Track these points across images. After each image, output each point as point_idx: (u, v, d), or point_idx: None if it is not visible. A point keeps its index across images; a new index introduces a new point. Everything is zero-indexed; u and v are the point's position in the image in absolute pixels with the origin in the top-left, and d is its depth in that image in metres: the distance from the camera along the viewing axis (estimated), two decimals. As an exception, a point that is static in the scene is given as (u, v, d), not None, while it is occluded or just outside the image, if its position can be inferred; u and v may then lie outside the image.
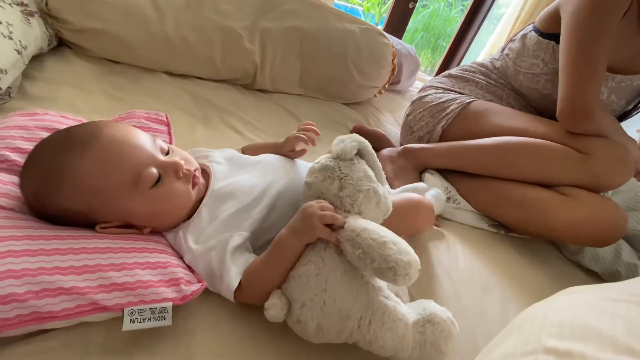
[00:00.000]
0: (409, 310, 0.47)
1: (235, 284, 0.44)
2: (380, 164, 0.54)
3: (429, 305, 0.48)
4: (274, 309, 0.43)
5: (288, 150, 0.64)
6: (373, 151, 0.53)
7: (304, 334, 0.45)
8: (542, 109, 0.97)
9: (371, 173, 0.51)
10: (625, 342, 0.30)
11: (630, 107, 0.95)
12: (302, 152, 0.64)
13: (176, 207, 0.49)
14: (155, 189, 0.46)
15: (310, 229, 0.45)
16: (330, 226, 0.45)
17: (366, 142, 0.52)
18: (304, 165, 0.64)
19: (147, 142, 0.48)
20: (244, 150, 0.69)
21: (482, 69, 1.06)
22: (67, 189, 0.42)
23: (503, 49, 1.04)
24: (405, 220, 0.54)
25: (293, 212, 0.53)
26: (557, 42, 0.86)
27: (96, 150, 0.43)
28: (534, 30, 0.93)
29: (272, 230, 0.53)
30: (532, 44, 0.92)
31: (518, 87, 0.99)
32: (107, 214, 0.45)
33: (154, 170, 0.46)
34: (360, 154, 0.52)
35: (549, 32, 0.89)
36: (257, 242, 0.52)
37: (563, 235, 0.79)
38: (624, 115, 0.98)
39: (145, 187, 0.45)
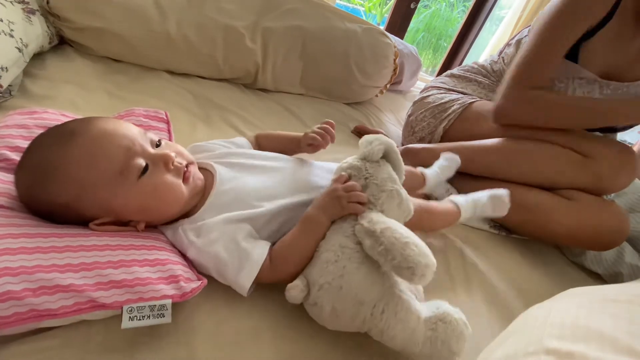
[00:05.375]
0: (422, 307, 0.48)
1: (260, 262, 0.46)
2: (403, 165, 0.56)
3: (443, 305, 0.49)
4: (296, 289, 0.46)
5: (306, 145, 0.63)
6: (397, 151, 0.56)
7: (319, 317, 0.47)
8: None
9: (395, 176, 0.54)
10: (627, 343, 0.30)
11: None
12: (318, 148, 0.63)
13: (166, 201, 0.48)
14: (142, 179, 0.45)
15: (340, 209, 0.50)
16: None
17: (392, 143, 0.55)
18: (314, 166, 0.63)
19: (136, 134, 0.47)
20: (259, 138, 0.68)
21: (483, 70, 1.06)
22: (54, 181, 0.42)
23: (500, 52, 1.04)
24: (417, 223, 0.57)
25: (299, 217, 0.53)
26: None
27: (83, 140, 0.43)
28: (528, 35, 0.93)
29: (278, 234, 0.53)
30: None
31: None
32: (95, 207, 0.44)
33: (141, 161, 0.45)
34: (385, 155, 0.55)
35: None
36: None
37: (564, 239, 0.79)
38: (620, 129, 0.96)
39: (132, 177, 0.44)
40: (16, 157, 0.49)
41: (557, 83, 0.88)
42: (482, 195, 0.75)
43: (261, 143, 0.67)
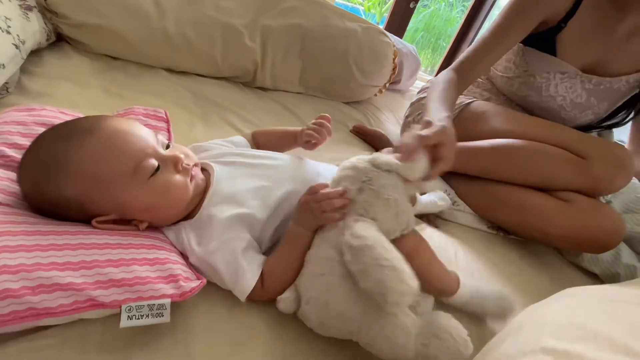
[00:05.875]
0: (415, 320, 0.45)
1: (252, 285, 0.46)
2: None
3: (441, 318, 0.45)
4: (285, 302, 0.46)
5: (304, 141, 0.63)
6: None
7: (310, 327, 0.47)
8: (528, 111, 0.97)
9: (401, 187, 0.48)
10: (624, 342, 0.30)
11: (613, 110, 0.93)
12: (315, 145, 0.63)
13: (174, 200, 0.49)
14: (153, 178, 0.46)
15: (314, 219, 0.49)
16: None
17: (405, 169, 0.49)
18: (315, 166, 0.63)
19: (149, 135, 0.48)
20: (255, 135, 0.68)
21: None
22: (66, 174, 0.42)
23: None
24: None
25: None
26: (526, 44, 0.87)
27: (98, 137, 0.44)
28: None
29: (276, 235, 0.54)
30: None
31: (499, 89, 0.99)
32: (104, 204, 0.45)
33: (154, 161, 0.46)
34: (399, 171, 0.49)
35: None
36: (261, 247, 0.52)
37: (560, 241, 0.79)
38: (613, 124, 0.96)
39: (144, 176, 0.45)
40: (14, 153, 0.49)
41: (539, 78, 0.88)
42: (489, 292, 0.60)
43: (258, 140, 0.67)
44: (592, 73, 0.85)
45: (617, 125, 0.97)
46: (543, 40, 0.85)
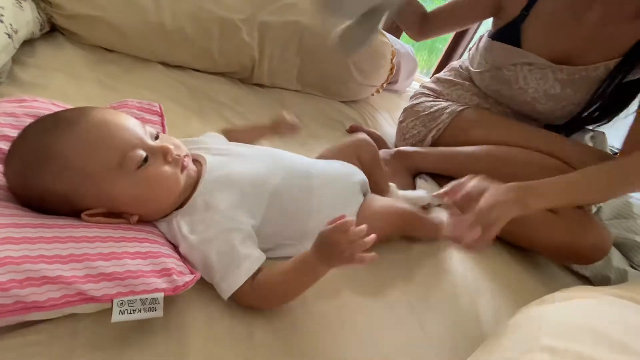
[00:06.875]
0: None
1: (244, 280, 0.44)
2: None
3: None
4: None
5: (284, 130, 0.68)
6: None
7: None
8: (506, 106, 0.97)
9: None
10: (621, 341, 0.31)
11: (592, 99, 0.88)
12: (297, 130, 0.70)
13: (163, 192, 0.47)
14: (141, 170, 0.45)
15: (338, 260, 0.44)
16: None
17: None
18: (304, 160, 0.64)
19: (136, 126, 0.47)
20: (226, 133, 0.67)
21: (463, 72, 1.06)
22: (51, 168, 0.41)
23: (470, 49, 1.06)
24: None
25: (293, 206, 0.54)
26: (493, 38, 0.90)
27: (83, 129, 0.43)
28: (487, 31, 0.96)
29: (272, 224, 0.53)
30: (482, 43, 0.95)
31: (480, 88, 1.00)
32: (91, 197, 0.44)
33: (141, 152, 0.45)
34: None
35: (493, 31, 0.92)
36: (258, 235, 0.51)
37: (545, 253, 0.81)
38: (599, 117, 0.91)
39: (131, 168, 0.44)
40: (3, 145, 0.48)
41: (506, 72, 0.88)
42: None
43: (232, 137, 0.67)
44: (565, 63, 0.83)
45: (603, 117, 0.91)
46: (508, 32, 0.85)
